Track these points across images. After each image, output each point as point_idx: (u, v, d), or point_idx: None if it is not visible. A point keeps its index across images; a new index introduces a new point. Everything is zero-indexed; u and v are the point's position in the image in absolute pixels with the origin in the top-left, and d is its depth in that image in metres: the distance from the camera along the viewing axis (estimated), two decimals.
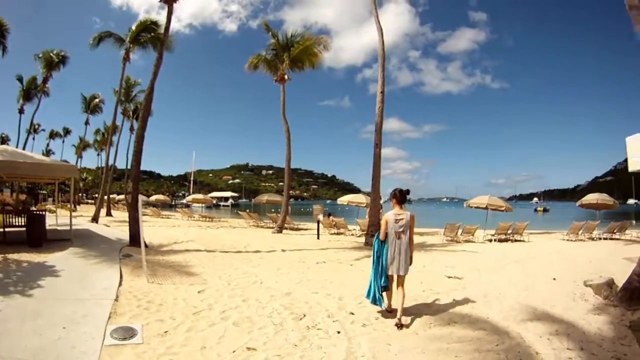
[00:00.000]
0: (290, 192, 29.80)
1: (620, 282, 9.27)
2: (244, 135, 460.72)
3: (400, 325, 6.76)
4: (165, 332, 6.09)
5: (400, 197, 7.38)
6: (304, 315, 7.23)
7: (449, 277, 11.61)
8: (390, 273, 7.19)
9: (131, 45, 35.69)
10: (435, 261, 14.93)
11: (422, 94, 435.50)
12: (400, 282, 7.17)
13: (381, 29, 21.00)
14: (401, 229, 7.10)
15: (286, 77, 27.69)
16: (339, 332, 6.42)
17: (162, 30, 24.70)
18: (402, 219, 7.13)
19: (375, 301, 7.40)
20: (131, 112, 51.74)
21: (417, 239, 22.04)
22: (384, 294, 7.40)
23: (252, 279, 10.43)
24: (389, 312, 7.40)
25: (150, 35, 34.15)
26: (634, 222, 33.42)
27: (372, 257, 7.57)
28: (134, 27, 35.24)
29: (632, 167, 18.17)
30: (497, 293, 9.69)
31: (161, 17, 22.34)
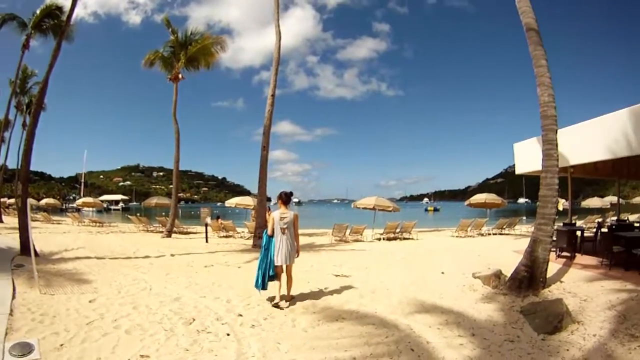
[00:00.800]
0: (180, 194, 29.06)
1: (509, 273, 9.86)
2: (136, 135, 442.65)
3: (291, 299, 8.50)
4: (61, 345, 5.77)
5: (285, 198, 8.65)
6: (194, 320, 7.16)
7: (337, 276, 11.77)
8: (278, 263, 8.32)
9: (32, 32, 32.32)
10: (324, 261, 15.07)
11: (316, 97, 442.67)
12: (288, 270, 8.49)
13: (279, 32, 21.11)
14: (285, 226, 8.35)
15: (180, 76, 26.96)
16: (228, 335, 6.42)
17: (65, 17, 22.78)
18: (286, 217, 8.40)
19: (263, 286, 8.46)
20: (24, 106, 47.52)
21: (306, 240, 22.19)
22: (272, 283, 8.50)
23: (142, 286, 10.17)
24: (276, 301, 8.25)
25: (53, 22, 31.61)
26: (524, 218, 36.25)
27: (260, 250, 8.76)
28: (38, 12, 32.05)
29: (519, 170, 19.70)
30: (385, 288, 9.98)
31: (67, 2, 20.91)
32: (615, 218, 25.47)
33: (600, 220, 29.34)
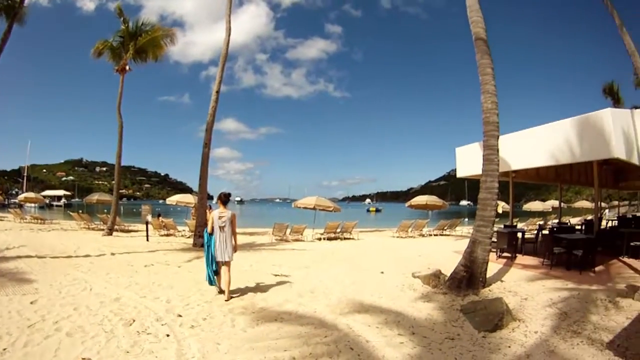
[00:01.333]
0: (122, 191, 28.31)
1: (449, 273, 10.11)
2: (80, 127, 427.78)
3: (229, 298, 8.83)
4: (4, 349, 5.64)
5: (224, 198, 9.43)
6: (134, 321, 7.06)
7: (276, 275, 11.79)
8: (218, 259, 9.09)
9: None
10: (263, 260, 15.06)
11: (263, 96, 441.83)
12: (227, 266, 9.05)
13: (229, 28, 20.96)
14: (224, 224, 9.09)
15: (128, 67, 26.16)
16: (168, 335, 6.37)
17: None
18: (224, 216, 9.15)
19: (211, 283, 9.52)
20: None
21: (246, 239, 22.31)
22: (217, 277, 9.41)
23: (83, 286, 9.94)
24: (220, 293, 9.17)
25: (5, 3, 30.03)
26: (466, 220, 37.12)
27: (204, 248, 9.71)
28: None
29: (460, 174, 20.17)
30: (324, 288, 10.07)
31: None
32: (556, 221, 26.34)
33: (541, 222, 30.29)
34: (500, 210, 31.55)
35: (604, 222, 26.66)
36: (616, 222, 25.02)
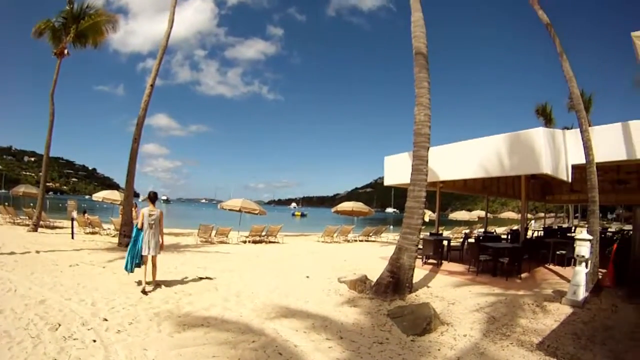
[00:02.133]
0: (49, 184, 27.08)
1: (375, 278, 10.38)
2: (9, 113, 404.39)
3: (156, 284, 9.91)
4: None
5: (153, 197, 10.29)
6: (59, 325, 6.83)
7: (202, 278, 11.70)
8: (145, 253, 9.77)
9: None
10: (189, 262, 14.91)
11: (197, 92, 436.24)
12: (153, 260, 9.95)
13: (172, 19, 20.69)
14: (153, 222, 9.89)
15: (66, 52, 25.01)
16: (94, 341, 6.21)
17: None
18: (154, 214, 9.94)
19: (131, 269, 10.02)
20: None
21: (172, 240, 22.15)
22: (138, 269, 10.04)
23: (7, 286, 9.55)
24: (143, 286, 9.57)
25: None
26: (391, 227, 38.11)
27: (130, 240, 10.18)
28: None
29: (388, 182, 20.66)
30: (250, 292, 10.12)
31: None
32: (482, 230, 27.28)
33: (467, 231, 31.31)
34: (426, 219, 32.45)
35: (530, 232, 27.90)
36: (542, 232, 26.21)
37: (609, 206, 49.53)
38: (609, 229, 32.13)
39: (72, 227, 22.25)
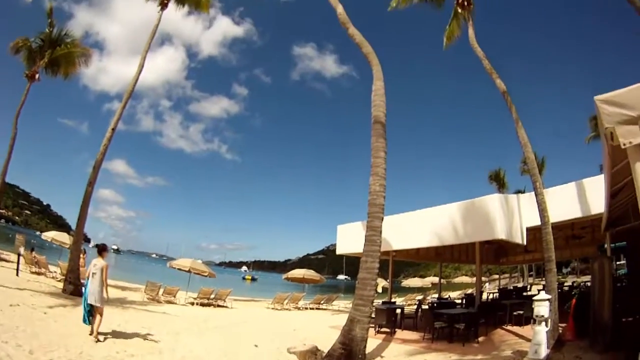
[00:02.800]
0: (2, 211, 26.23)
1: (326, 348, 10.13)
2: None
3: (97, 340, 9.84)
4: None
5: (100, 249, 10.86)
6: None
7: (145, 339, 11.29)
8: (89, 302, 10.00)
9: None
10: (133, 320, 14.36)
11: (158, 143, 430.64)
12: (97, 310, 10.16)
13: (142, 65, 21.00)
14: (95, 272, 10.19)
15: (37, 76, 24.80)
16: None
17: None
18: (97, 264, 10.29)
19: (87, 322, 10.18)
20: None
21: (118, 293, 21.35)
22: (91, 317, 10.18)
23: None
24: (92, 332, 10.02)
25: None
26: (342, 295, 37.35)
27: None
28: None
29: (340, 250, 20.80)
30: (194, 357, 9.97)
31: None
32: (436, 296, 27.34)
33: (420, 298, 31.36)
34: (379, 289, 32.47)
35: (485, 295, 28.05)
36: (497, 294, 26.41)
37: (563, 261, 50.53)
38: (565, 283, 32.70)
39: (18, 263, 21.71)
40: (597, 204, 12.04)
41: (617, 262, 17.95)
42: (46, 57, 24.74)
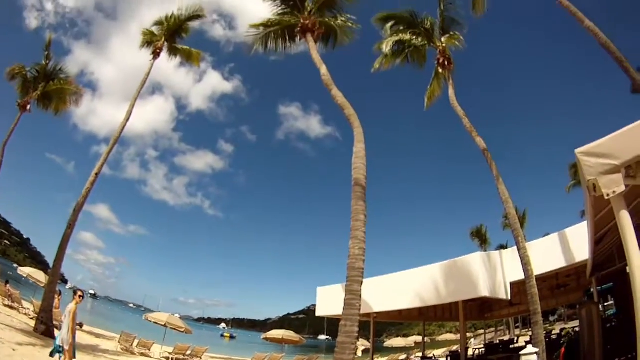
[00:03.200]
0: None
1: None
2: None
3: None
4: None
5: (74, 292, 10.97)
6: None
7: None
8: (58, 343, 10.21)
9: None
10: None
11: (141, 192, 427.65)
12: (65, 354, 10.23)
13: (131, 112, 21.36)
14: (66, 316, 10.45)
15: (29, 107, 24.76)
16: None
17: None
18: (67, 308, 10.52)
19: (51, 355, 10.37)
20: None
21: (91, 340, 21.67)
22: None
23: None
24: None
25: None
26: (323, 355, 37.48)
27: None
28: None
29: (319, 312, 20.71)
30: None
31: None
32: (420, 355, 27.03)
33: (403, 358, 30.98)
34: (359, 353, 32.06)
35: (470, 351, 27.72)
36: (483, 349, 26.12)
37: (549, 309, 50.31)
38: (553, 331, 32.35)
39: None
40: (581, 252, 12.14)
41: (605, 304, 17.94)
42: (39, 90, 24.91)
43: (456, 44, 19.64)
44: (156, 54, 23.92)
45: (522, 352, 9.87)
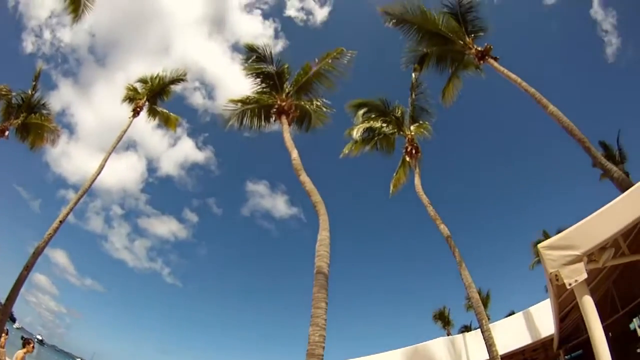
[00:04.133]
0: None
1: None
2: None
3: None
4: None
5: (25, 342, 10.71)
6: None
7: None
8: None
9: None
10: None
11: (102, 248, 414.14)
12: None
13: (103, 166, 21.10)
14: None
15: (7, 133, 23.80)
16: None
17: None
18: (17, 356, 10.45)
19: None
20: None
21: None
22: None
23: None
24: None
25: None
26: None
27: None
28: None
29: None
30: None
31: None
32: None
33: None
34: None
35: None
36: None
37: None
38: None
39: None
40: (547, 327, 12.24)
41: None
42: (20, 119, 24.42)
43: (424, 133, 20.30)
44: (136, 112, 23.99)
45: None
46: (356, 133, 20.61)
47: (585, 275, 4.31)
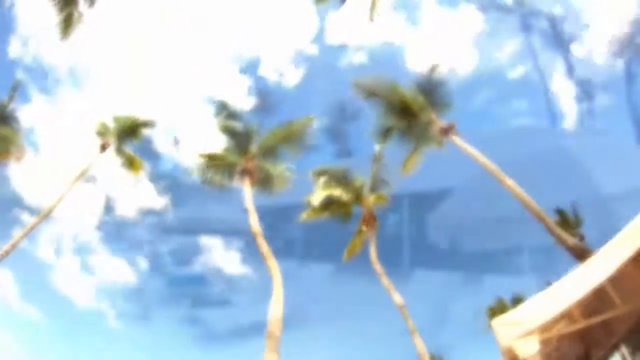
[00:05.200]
0: None
1: None
2: None
3: None
4: None
5: None
6: None
7: None
8: None
9: None
10: None
11: (50, 280, 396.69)
12: None
13: (62, 197, 20.73)
14: None
15: None
16: None
17: None
18: None
19: None
20: None
21: None
22: None
23: None
24: None
25: None
26: None
27: None
28: None
29: None
30: None
31: None
32: None
33: None
34: None
35: None
36: None
37: None
38: None
39: None
40: None
41: None
42: None
43: (382, 203, 20.51)
44: (103, 149, 23.70)
45: None
46: (315, 200, 20.70)
47: (537, 347, 4.40)
